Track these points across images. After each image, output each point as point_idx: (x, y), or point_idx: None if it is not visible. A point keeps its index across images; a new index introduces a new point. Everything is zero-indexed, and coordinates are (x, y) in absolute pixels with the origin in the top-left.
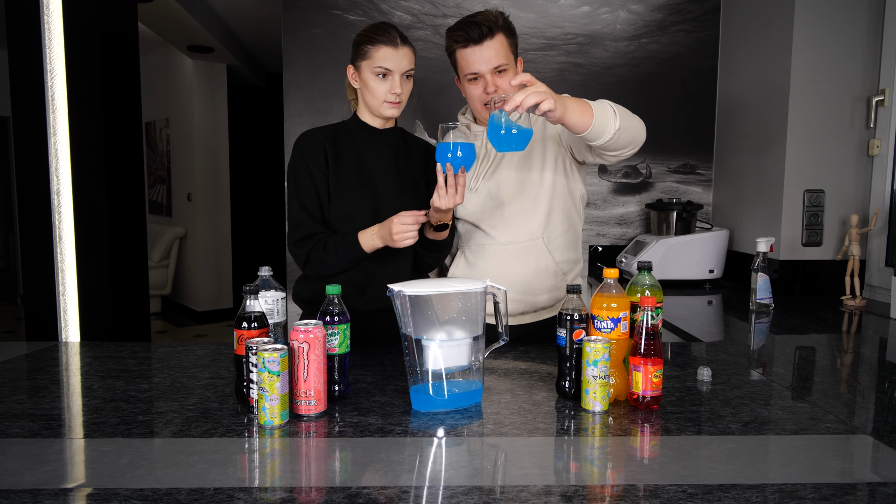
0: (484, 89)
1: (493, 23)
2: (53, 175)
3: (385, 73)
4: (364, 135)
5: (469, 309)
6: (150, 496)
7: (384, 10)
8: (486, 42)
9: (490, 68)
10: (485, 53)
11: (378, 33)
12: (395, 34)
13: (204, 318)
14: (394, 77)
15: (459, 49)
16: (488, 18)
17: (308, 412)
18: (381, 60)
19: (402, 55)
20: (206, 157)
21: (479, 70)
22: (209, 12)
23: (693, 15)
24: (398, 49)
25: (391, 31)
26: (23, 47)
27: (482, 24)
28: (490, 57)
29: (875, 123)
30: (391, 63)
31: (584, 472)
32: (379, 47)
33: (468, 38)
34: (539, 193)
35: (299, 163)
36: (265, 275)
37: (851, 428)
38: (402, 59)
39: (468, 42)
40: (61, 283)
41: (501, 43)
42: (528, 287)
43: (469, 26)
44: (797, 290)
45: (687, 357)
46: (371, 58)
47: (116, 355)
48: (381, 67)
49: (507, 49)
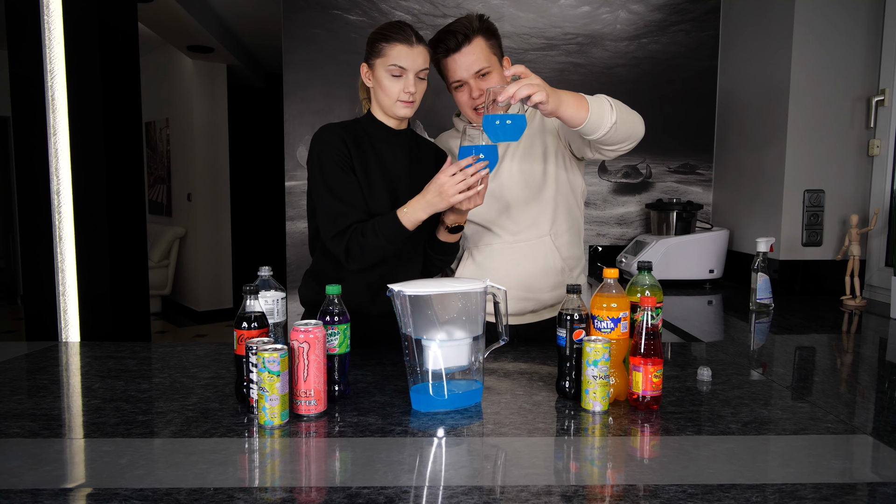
0: (469, 94)
1: (468, 28)
2: (53, 175)
3: (399, 71)
4: (380, 134)
5: (469, 309)
6: (150, 496)
7: (384, 10)
8: (465, 49)
9: (471, 74)
10: (464, 60)
11: (393, 31)
12: (411, 32)
13: (204, 318)
14: (408, 76)
15: (442, 59)
16: (464, 25)
17: (308, 412)
18: (396, 58)
19: (417, 54)
20: (206, 157)
21: (461, 77)
22: (209, 12)
23: (693, 15)
24: (413, 47)
25: (406, 30)
26: (23, 47)
27: (457, 31)
28: (470, 63)
29: (875, 123)
30: (405, 61)
31: (584, 472)
32: (394, 45)
33: (447, 49)
34: (543, 189)
35: (325, 155)
36: (265, 275)
37: (851, 428)
38: (417, 58)
39: (448, 52)
40: (61, 283)
41: (480, 47)
42: (536, 284)
43: (446, 36)
44: (797, 290)
45: (687, 357)
46: (385, 56)
47: (116, 355)
48: (395, 66)
49: (488, 51)
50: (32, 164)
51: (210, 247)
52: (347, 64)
